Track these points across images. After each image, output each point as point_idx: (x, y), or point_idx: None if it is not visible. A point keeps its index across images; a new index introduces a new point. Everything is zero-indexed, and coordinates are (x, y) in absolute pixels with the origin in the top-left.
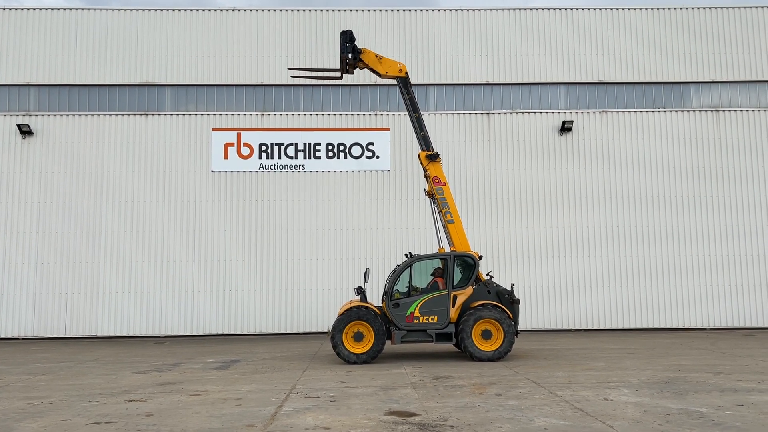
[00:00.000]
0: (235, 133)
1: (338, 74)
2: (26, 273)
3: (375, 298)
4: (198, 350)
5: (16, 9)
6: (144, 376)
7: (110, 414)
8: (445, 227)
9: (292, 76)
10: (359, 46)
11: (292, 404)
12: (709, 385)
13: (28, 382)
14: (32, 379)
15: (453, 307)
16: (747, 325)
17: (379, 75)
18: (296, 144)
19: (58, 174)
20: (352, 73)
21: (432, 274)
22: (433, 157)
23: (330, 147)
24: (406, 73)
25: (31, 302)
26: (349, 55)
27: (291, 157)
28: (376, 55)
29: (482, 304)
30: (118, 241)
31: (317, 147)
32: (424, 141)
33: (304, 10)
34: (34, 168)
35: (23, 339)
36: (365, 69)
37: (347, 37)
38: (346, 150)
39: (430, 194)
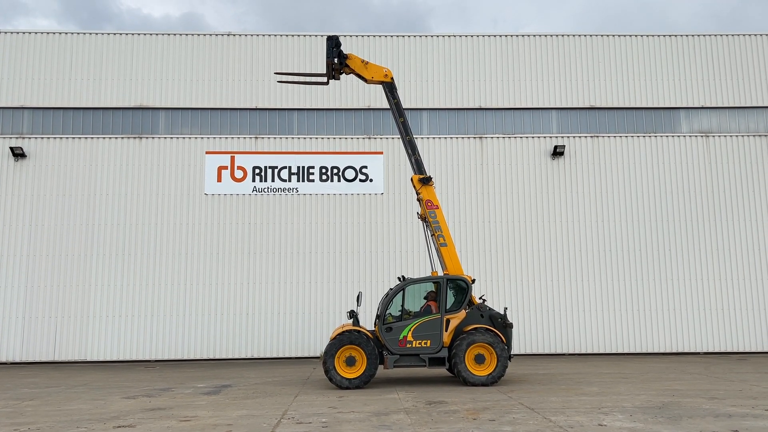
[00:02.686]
0: (228, 156)
1: (324, 79)
2: (15, 296)
3: (368, 322)
4: (189, 375)
5: (12, 32)
6: (134, 401)
7: None
8: (437, 250)
9: (278, 81)
10: (345, 52)
11: (283, 430)
12: (703, 410)
13: (15, 407)
14: (19, 405)
15: (446, 331)
16: (740, 350)
17: (365, 80)
18: (290, 167)
19: (50, 197)
20: (339, 79)
21: (425, 298)
22: (426, 181)
23: (324, 170)
24: (392, 78)
25: (19, 326)
26: (335, 60)
27: (284, 180)
28: (362, 61)
29: (475, 328)
30: (110, 265)
31: (311, 170)
32: (410, 145)
33: (298, 35)
34: (26, 190)
35: (11, 363)
36: (351, 74)
37: (333, 42)
38: (340, 173)
39: (423, 217)
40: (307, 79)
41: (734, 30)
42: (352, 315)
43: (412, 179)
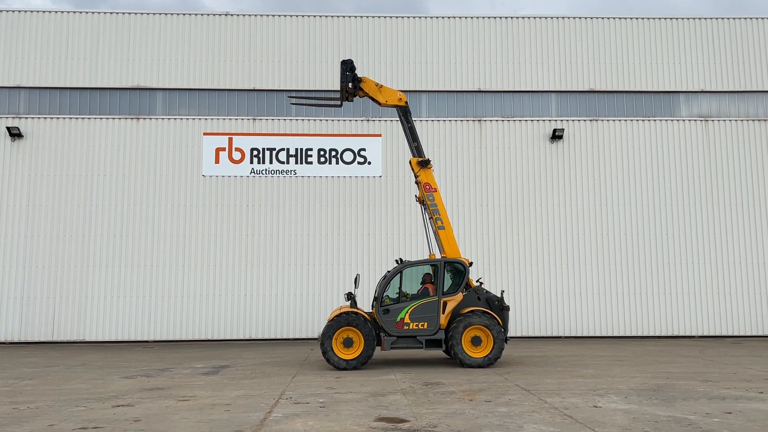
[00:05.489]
0: (226, 137)
1: (338, 102)
2: (14, 276)
3: (365, 304)
4: (187, 355)
5: (7, 11)
6: (132, 381)
7: (97, 419)
8: (435, 233)
9: (292, 104)
10: (360, 75)
11: (281, 410)
12: (697, 393)
13: (14, 386)
14: (18, 384)
15: (443, 313)
16: (735, 333)
17: (379, 103)
18: (288, 149)
19: (47, 177)
20: (352, 101)
21: (422, 281)
22: (425, 164)
23: (322, 152)
24: (406, 102)
25: (18, 306)
26: (350, 84)
27: (282, 162)
28: (376, 84)
29: (472, 311)
30: (107, 246)
31: (309, 152)
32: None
33: (296, 16)
34: (22, 171)
35: (10, 343)
36: (365, 97)
37: (347, 66)
38: (338, 156)
39: (421, 200)
40: (321, 102)
41: (735, 13)
42: (350, 297)
43: (410, 162)
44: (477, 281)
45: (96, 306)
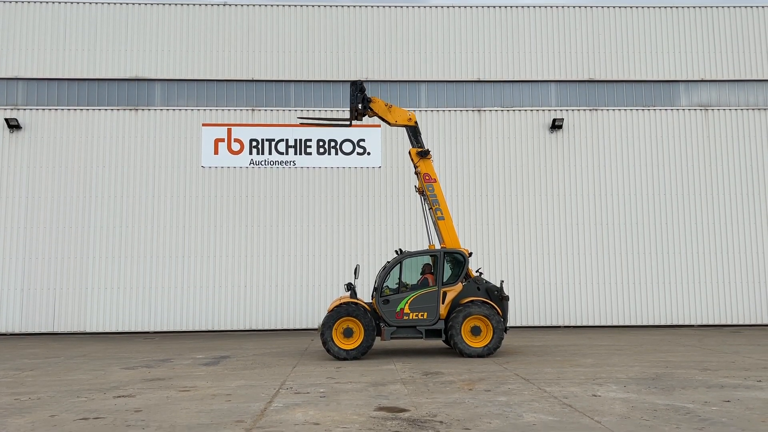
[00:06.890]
0: (225, 128)
1: (347, 123)
2: (14, 268)
3: (365, 295)
4: (187, 346)
5: (4, 1)
6: (133, 371)
7: (98, 409)
8: (435, 224)
9: (301, 124)
10: (369, 96)
11: (281, 400)
12: (696, 382)
13: (15, 377)
14: (20, 375)
15: (443, 303)
16: (734, 322)
17: (389, 123)
18: (287, 140)
19: (47, 169)
20: (361, 120)
21: (422, 271)
22: (424, 154)
23: (321, 143)
24: (416, 122)
25: (18, 297)
26: (359, 105)
27: (282, 153)
28: (386, 104)
29: (472, 301)
30: (107, 237)
31: (308, 143)
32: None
33: (295, 6)
34: (21, 162)
35: (10, 334)
36: (374, 117)
37: (357, 87)
38: (338, 146)
39: (421, 191)
40: (330, 123)
41: (736, 2)
42: (350, 287)
43: (410, 152)
44: (476, 271)
45: (96, 297)
